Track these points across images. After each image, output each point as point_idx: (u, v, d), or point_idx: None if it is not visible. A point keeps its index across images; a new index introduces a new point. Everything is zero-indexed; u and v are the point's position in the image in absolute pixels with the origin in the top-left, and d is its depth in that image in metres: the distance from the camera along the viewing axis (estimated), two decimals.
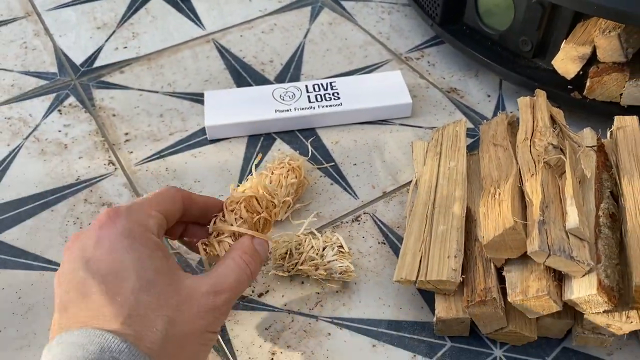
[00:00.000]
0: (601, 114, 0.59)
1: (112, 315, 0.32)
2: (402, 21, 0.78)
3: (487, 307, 0.42)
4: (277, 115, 0.61)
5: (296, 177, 0.53)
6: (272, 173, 0.53)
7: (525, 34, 0.62)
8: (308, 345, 0.45)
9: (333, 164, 0.59)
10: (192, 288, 0.35)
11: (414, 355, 0.45)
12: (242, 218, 0.43)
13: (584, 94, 0.60)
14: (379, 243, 0.52)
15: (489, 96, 0.67)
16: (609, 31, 0.55)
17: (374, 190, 0.57)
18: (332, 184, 0.58)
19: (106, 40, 0.76)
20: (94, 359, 0.30)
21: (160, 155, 0.61)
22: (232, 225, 0.42)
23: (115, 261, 0.34)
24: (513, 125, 0.54)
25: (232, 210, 0.43)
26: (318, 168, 0.59)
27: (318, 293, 0.49)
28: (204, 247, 0.42)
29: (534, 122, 0.50)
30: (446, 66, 0.71)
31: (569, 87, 0.61)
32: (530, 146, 0.48)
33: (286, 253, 0.47)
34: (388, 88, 0.64)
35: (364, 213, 0.55)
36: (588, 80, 0.58)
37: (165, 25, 0.78)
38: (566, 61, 0.59)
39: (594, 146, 0.49)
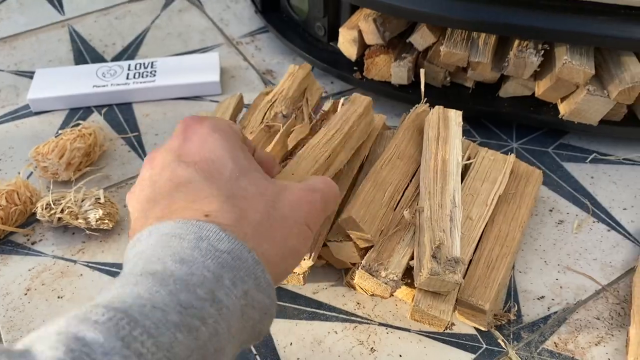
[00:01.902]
0: (379, 92, 0.66)
1: (213, 197, 0.30)
2: (245, 10, 0.84)
3: None
4: (94, 90, 0.68)
5: (85, 142, 0.60)
6: (61, 139, 0.59)
7: (318, 20, 0.69)
8: (60, 284, 0.52)
9: (137, 133, 0.66)
10: (287, 183, 0.34)
11: None
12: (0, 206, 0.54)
13: (363, 74, 0.66)
14: None
15: None
16: (368, 16, 0.61)
17: None
18: (129, 151, 0.64)
19: None
20: (191, 248, 0.28)
21: None
22: None
23: (209, 151, 0.32)
24: None
25: None
26: (122, 137, 0.66)
27: (84, 242, 0.56)
28: None
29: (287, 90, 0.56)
30: (270, 51, 0.77)
31: (354, 68, 0.67)
32: (268, 109, 0.54)
33: (47, 205, 0.54)
34: (201, 67, 0.71)
35: None
36: (365, 61, 0.65)
37: (29, 12, 0.85)
38: (346, 44, 0.66)
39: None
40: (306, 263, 0.47)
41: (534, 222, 0.56)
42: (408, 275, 0.47)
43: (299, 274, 0.48)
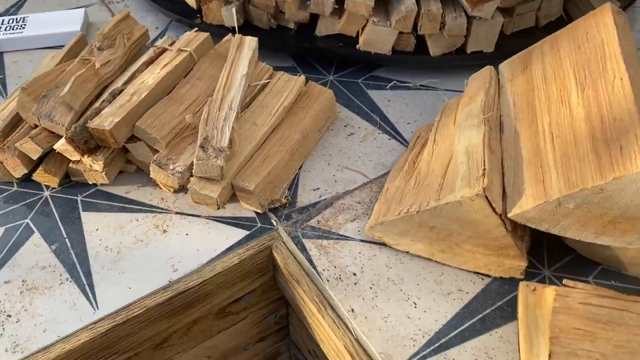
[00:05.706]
0: (216, 34, 0.75)
1: None
2: None
3: None
4: None
5: None
6: None
7: None
8: None
9: (2, 76, 0.75)
10: None
11: None
12: None
13: (204, 19, 0.75)
14: None
15: (157, 28, 0.82)
16: None
17: None
18: None
19: None
20: None
21: None
22: None
23: None
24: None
25: None
26: None
27: None
28: None
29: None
30: (138, 9, 0.86)
31: (197, 15, 0.76)
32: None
33: None
34: (67, 20, 0.80)
35: None
36: (202, 7, 0.74)
37: None
38: None
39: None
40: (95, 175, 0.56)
41: (328, 135, 0.65)
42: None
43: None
